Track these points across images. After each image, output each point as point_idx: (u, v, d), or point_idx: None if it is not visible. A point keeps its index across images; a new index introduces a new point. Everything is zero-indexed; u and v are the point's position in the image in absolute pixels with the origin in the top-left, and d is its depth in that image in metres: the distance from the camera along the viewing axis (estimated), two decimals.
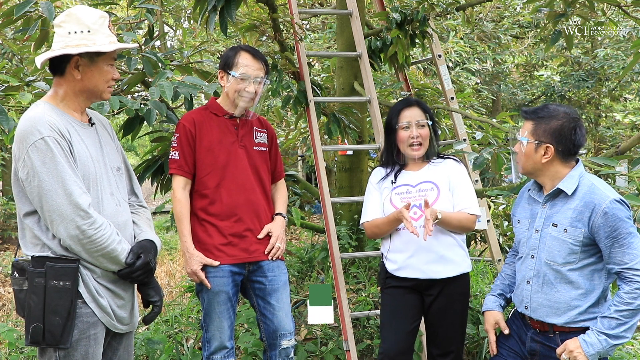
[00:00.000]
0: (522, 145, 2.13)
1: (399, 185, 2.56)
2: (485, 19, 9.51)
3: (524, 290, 2.17)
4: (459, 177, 2.53)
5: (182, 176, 2.54)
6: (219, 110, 2.62)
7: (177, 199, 2.54)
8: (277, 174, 2.79)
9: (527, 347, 2.17)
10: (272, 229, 2.61)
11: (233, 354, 2.58)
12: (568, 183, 2.08)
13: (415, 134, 2.52)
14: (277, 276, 2.62)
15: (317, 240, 5.75)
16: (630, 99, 12.52)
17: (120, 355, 2.07)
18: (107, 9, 3.68)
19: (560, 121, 2.07)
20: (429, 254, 2.46)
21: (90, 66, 1.91)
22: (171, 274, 7.56)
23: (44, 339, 1.81)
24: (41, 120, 1.81)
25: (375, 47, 4.37)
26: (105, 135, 2.08)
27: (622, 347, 3.61)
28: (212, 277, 2.51)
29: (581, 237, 2.02)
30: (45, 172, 1.78)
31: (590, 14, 4.06)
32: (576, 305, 2.05)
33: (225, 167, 2.55)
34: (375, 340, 3.61)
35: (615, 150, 3.50)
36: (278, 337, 2.61)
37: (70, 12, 1.91)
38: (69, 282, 1.82)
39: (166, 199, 5.67)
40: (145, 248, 1.99)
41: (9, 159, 10.55)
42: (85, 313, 1.87)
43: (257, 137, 2.67)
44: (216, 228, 2.54)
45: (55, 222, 1.80)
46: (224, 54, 2.63)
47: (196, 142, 2.55)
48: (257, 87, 2.55)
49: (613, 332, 1.95)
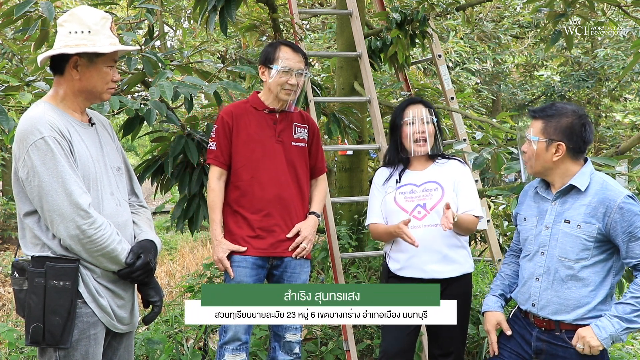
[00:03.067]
0: (532, 144, 2.12)
1: (403, 185, 2.56)
2: (485, 19, 9.50)
3: (532, 287, 2.17)
4: (463, 179, 2.53)
5: (217, 167, 2.60)
6: (259, 104, 2.65)
7: (212, 188, 2.60)
8: (318, 170, 2.79)
9: (533, 346, 2.16)
10: (302, 228, 2.63)
11: (246, 349, 2.57)
12: (581, 179, 2.09)
13: (419, 129, 2.52)
14: (297, 274, 2.63)
15: (317, 240, 5.75)
16: (630, 99, 12.52)
17: (120, 355, 2.07)
18: (107, 9, 3.68)
19: (569, 118, 2.09)
20: (432, 254, 2.46)
21: (89, 67, 1.90)
22: (171, 274, 7.56)
23: (44, 339, 1.81)
24: (41, 120, 1.81)
25: (375, 47, 4.37)
26: (105, 135, 2.08)
27: (622, 347, 3.62)
28: (235, 267, 2.54)
29: (595, 233, 2.03)
30: (45, 172, 1.78)
31: (590, 14, 4.06)
32: (586, 302, 2.05)
33: (260, 161, 2.58)
34: (375, 340, 3.61)
35: (615, 150, 3.50)
36: (284, 329, 2.62)
37: (72, 12, 1.91)
38: (69, 282, 1.81)
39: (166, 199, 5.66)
40: (146, 248, 1.98)
41: (8, 159, 10.55)
42: (85, 313, 1.86)
43: (297, 133, 2.69)
44: (246, 220, 2.57)
45: (55, 222, 1.80)
46: (263, 50, 2.67)
47: (233, 135, 2.60)
48: (299, 79, 2.59)
49: (626, 316, 1.97)
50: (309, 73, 2.64)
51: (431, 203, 2.48)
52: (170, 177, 3.06)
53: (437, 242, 2.46)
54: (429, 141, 2.54)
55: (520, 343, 2.22)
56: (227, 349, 2.54)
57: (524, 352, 2.21)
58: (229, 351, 2.53)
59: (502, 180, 8.20)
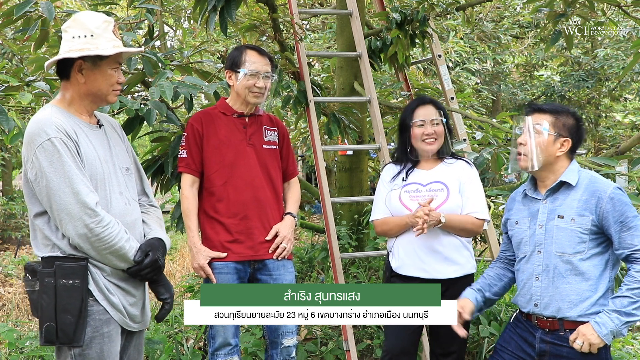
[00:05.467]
0: (542, 135, 2.15)
1: (409, 183, 2.56)
2: (485, 19, 9.50)
3: (533, 287, 2.17)
4: (469, 180, 2.52)
5: (189, 174, 2.59)
6: (227, 109, 2.65)
7: (185, 195, 2.58)
8: (289, 173, 2.79)
9: (537, 348, 2.16)
10: (279, 229, 2.62)
11: (237, 352, 2.58)
12: (571, 175, 2.15)
13: (429, 130, 2.52)
14: (282, 275, 2.62)
15: (317, 240, 5.75)
16: (630, 99, 12.52)
17: (130, 354, 2.09)
18: (107, 9, 3.68)
19: (574, 119, 2.19)
20: (433, 254, 2.46)
21: (93, 70, 1.94)
22: (171, 274, 7.57)
23: (57, 338, 1.84)
24: (48, 122, 1.85)
25: (375, 47, 4.37)
26: (115, 136, 2.11)
27: (622, 347, 3.62)
28: (217, 274, 2.53)
29: (589, 225, 2.07)
30: (52, 172, 1.82)
31: (590, 14, 4.06)
32: (587, 296, 2.07)
33: (232, 166, 2.57)
34: (375, 340, 3.61)
35: (615, 150, 3.51)
36: (280, 336, 2.62)
37: (75, 17, 1.96)
38: (78, 281, 1.85)
39: (166, 199, 5.66)
40: (154, 246, 2.01)
41: (8, 159, 10.56)
42: (97, 311, 1.89)
43: (267, 136, 2.68)
44: (223, 225, 2.56)
45: (63, 221, 1.83)
46: (228, 55, 2.67)
47: (204, 141, 2.59)
48: (266, 82, 2.59)
49: (625, 310, 1.98)
50: (276, 76, 2.64)
51: (434, 204, 2.47)
52: (170, 177, 3.07)
53: (436, 243, 2.45)
54: (438, 141, 2.54)
55: (522, 346, 2.21)
56: (219, 354, 2.54)
57: (526, 354, 2.19)
58: (221, 357, 2.54)
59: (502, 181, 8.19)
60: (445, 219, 2.39)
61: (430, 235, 2.45)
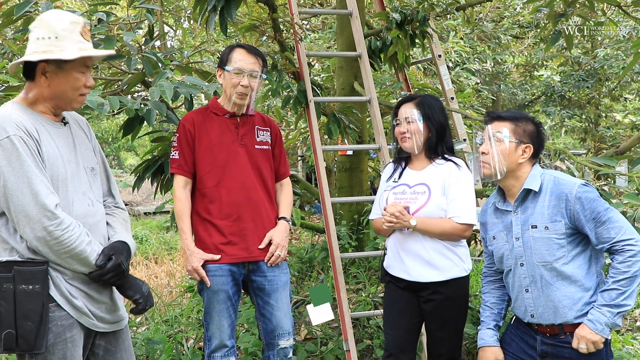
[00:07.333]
0: (503, 143, 2.15)
1: (398, 185, 2.56)
2: (485, 19, 9.50)
3: (525, 299, 2.17)
4: (454, 183, 2.46)
5: (181, 175, 2.57)
6: (219, 109, 2.63)
7: (177, 197, 2.56)
8: (282, 173, 2.77)
9: (538, 350, 2.16)
10: (273, 236, 2.60)
11: (234, 353, 2.58)
12: (533, 182, 2.13)
13: (403, 129, 2.52)
14: (277, 276, 2.61)
15: (317, 240, 5.75)
16: (630, 99, 12.51)
17: (120, 356, 2.03)
18: (107, 9, 3.68)
19: (533, 125, 2.19)
20: (414, 257, 2.46)
21: (57, 73, 1.84)
22: (171, 274, 7.57)
23: (17, 345, 1.76)
24: (7, 119, 1.76)
25: (375, 47, 4.37)
26: (81, 135, 2.02)
27: (622, 347, 3.62)
28: (211, 276, 2.52)
29: (564, 229, 2.05)
30: (10, 172, 1.73)
31: (590, 14, 4.06)
32: (580, 297, 2.06)
33: (224, 166, 2.55)
34: (375, 340, 3.61)
35: (615, 150, 3.51)
36: (276, 337, 2.61)
37: (41, 17, 1.85)
38: (38, 286, 1.76)
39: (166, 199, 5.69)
40: (117, 249, 1.92)
41: None
42: (59, 316, 1.81)
43: (259, 136, 2.67)
44: (216, 227, 2.54)
45: (21, 223, 1.75)
46: (221, 55, 2.66)
47: (195, 142, 2.57)
48: (252, 81, 2.55)
49: (614, 302, 1.97)
50: (264, 76, 2.61)
51: (414, 207, 2.46)
52: (170, 177, 3.07)
53: (418, 247, 2.45)
54: (413, 139, 2.51)
55: (524, 347, 2.21)
56: (216, 356, 2.54)
57: (528, 355, 2.19)
58: (217, 359, 2.54)
59: None
60: (417, 223, 2.38)
61: (413, 238, 2.46)
